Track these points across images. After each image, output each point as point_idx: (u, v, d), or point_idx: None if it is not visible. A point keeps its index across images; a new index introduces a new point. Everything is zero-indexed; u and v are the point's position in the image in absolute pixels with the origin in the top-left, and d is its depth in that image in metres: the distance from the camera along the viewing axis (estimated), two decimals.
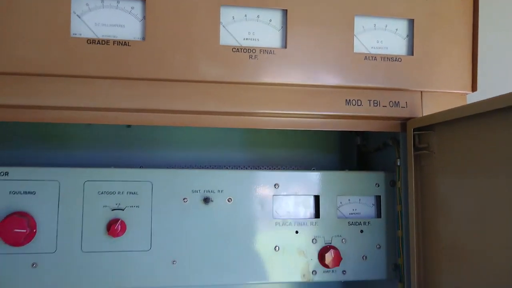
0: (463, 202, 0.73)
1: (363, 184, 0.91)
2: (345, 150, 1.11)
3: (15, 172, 0.79)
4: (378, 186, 0.91)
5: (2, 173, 0.79)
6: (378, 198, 0.92)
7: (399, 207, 0.87)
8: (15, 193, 0.79)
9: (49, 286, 0.79)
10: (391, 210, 0.91)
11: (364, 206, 0.91)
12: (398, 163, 0.88)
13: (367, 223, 0.90)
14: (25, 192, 0.79)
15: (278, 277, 0.86)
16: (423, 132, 0.81)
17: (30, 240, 0.78)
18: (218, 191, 0.85)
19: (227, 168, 1.04)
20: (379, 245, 0.90)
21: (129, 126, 1.03)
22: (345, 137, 1.11)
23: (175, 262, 0.82)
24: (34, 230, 0.78)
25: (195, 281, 0.83)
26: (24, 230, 0.76)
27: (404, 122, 0.85)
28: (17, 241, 0.76)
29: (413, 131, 0.82)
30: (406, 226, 0.86)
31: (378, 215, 0.91)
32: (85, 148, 1.01)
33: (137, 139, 1.03)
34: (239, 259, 0.84)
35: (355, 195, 0.91)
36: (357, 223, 0.90)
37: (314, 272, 0.87)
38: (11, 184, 0.79)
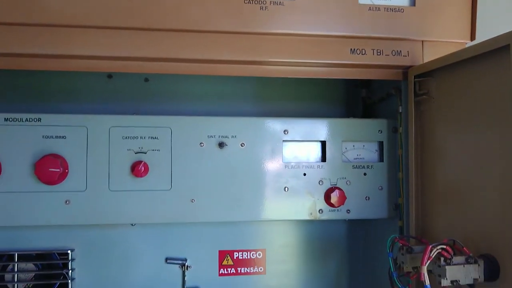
0: (459, 147, 0.79)
1: (367, 130, 0.97)
2: (351, 102, 1.17)
3: (47, 118, 0.87)
4: (381, 132, 0.98)
5: (35, 119, 0.87)
6: (380, 144, 0.98)
7: (400, 151, 0.94)
8: (47, 137, 0.87)
9: (80, 221, 0.88)
10: (393, 155, 0.97)
11: (367, 152, 0.98)
12: (400, 110, 0.93)
13: (370, 167, 0.97)
14: (57, 137, 0.87)
15: (287, 215, 0.94)
16: (423, 78, 0.86)
17: (63, 180, 0.86)
18: (232, 136, 0.92)
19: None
20: (381, 186, 0.97)
21: (147, 80, 1.10)
22: (350, 90, 1.17)
23: (193, 201, 0.90)
24: (67, 171, 0.86)
25: (212, 218, 0.92)
26: (58, 169, 0.84)
27: (405, 70, 0.91)
28: (52, 180, 0.84)
29: (414, 78, 0.87)
30: (406, 169, 0.92)
31: (381, 159, 0.98)
32: (107, 100, 1.08)
33: (155, 93, 1.10)
34: (251, 198, 0.92)
35: (359, 141, 0.97)
36: (360, 167, 0.97)
37: (320, 211, 0.95)
38: (43, 129, 0.87)
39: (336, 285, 1.15)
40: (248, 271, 1.12)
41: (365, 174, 0.97)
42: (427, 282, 0.67)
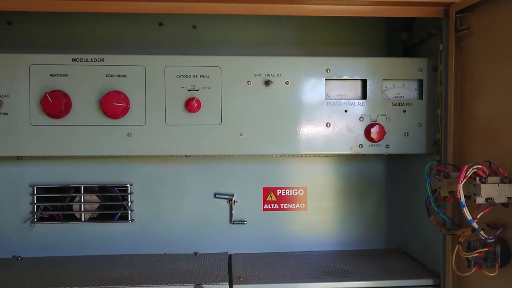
0: (499, 82, 0.81)
1: (407, 69, 1.01)
2: (391, 46, 1.19)
3: (109, 58, 0.96)
4: (421, 71, 1.01)
5: (99, 59, 0.96)
6: (420, 82, 1.01)
7: (440, 88, 0.97)
8: (110, 76, 0.96)
9: (140, 152, 0.97)
10: (432, 93, 1.01)
11: (407, 90, 1.02)
12: (440, 48, 0.96)
13: (409, 104, 1.01)
14: (119, 75, 0.96)
15: (328, 149, 1.00)
16: (464, 14, 0.88)
17: (125, 114, 0.95)
18: (277, 75, 0.98)
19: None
20: (420, 123, 1.01)
21: (195, 27, 1.16)
22: (390, 34, 1.19)
23: (241, 135, 0.98)
24: (128, 106, 0.95)
25: (258, 151, 0.99)
26: (122, 104, 0.93)
27: (447, 7, 0.92)
28: (116, 114, 0.94)
29: (455, 14, 0.89)
30: (445, 105, 0.95)
31: (420, 97, 1.01)
32: (158, 47, 1.15)
33: (203, 39, 1.16)
34: (295, 133, 0.99)
35: (400, 79, 1.01)
36: (400, 104, 1.01)
37: (360, 146, 1.00)
38: (107, 68, 0.96)
39: (374, 221, 1.22)
40: (290, 207, 1.20)
41: (404, 111, 1.01)
42: (463, 199, 0.73)
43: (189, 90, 0.97)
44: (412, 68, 1.01)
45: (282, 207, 1.20)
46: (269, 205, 1.19)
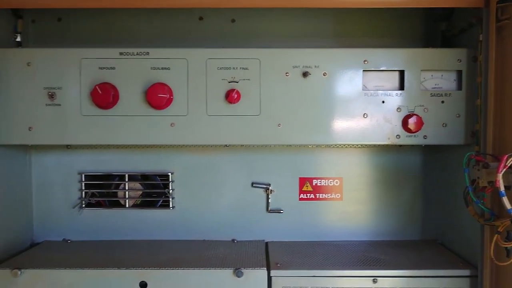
0: None
1: (446, 60, 1.01)
2: (429, 37, 1.18)
3: (154, 52, 1.00)
4: (460, 61, 1.00)
5: (144, 53, 1.00)
6: (459, 73, 1.01)
7: (479, 78, 0.96)
8: (155, 68, 1.00)
9: (183, 141, 1.02)
10: (471, 84, 1.00)
11: (446, 81, 1.02)
12: (481, 38, 0.95)
13: (448, 95, 1.01)
14: (163, 68, 1.00)
15: (365, 140, 1.02)
16: (506, 4, 0.87)
17: (168, 105, 1.00)
18: (315, 66, 1.00)
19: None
20: (458, 114, 1.01)
21: (233, 20, 1.19)
22: (429, 25, 1.19)
23: (280, 125, 1.01)
24: (171, 97, 1.00)
25: (296, 141, 1.02)
26: (166, 95, 0.98)
27: None
28: (160, 104, 0.98)
29: (496, 4, 0.89)
30: (485, 95, 0.94)
31: (459, 88, 1.01)
32: (198, 41, 1.19)
33: (241, 32, 1.19)
34: (332, 124, 1.01)
35: (438, 70, 1.01)
36: (438, 95, 1.01)
37: (397, 136, 1.01)
38: (151, 61, 1.00)
39: (410, 212, 1.22)
40: (326, 197, 1.22)
41: (442, 102, 1.01)
42: (502, 188, 0.73)
43: (229, 82, 1.00)
44: (451, 59, 1.01)
45: (318, 197, 1.22)
46: (305, 194, 1.22)
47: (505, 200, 0.73)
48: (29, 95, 1.00)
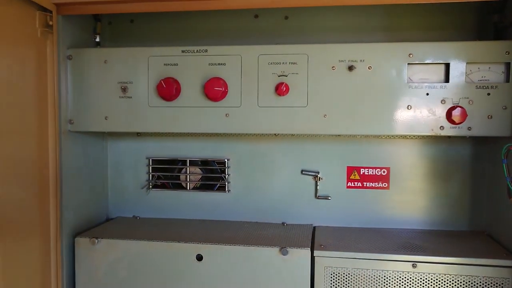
0: None
1: (493, 52, 1.01)
2: (482, 29, 1.18)
3: (212, 49, 1.11)
4: (508, 53, 1.01)
5: (203, 50, 1.11)
6: (507, 65, 1.01)
7: None
8: (212, 64, 1.11)
9: (236, 130, 1.12)
10: None
11: (493, 73, 1.03)
12: None
13: (494, 87, 1.02)
14: (219, 64, 1.11)
15: (409, 131, 1.05)
16: None
17: (223, 97, 1.10)
18: (360, 60, 1.06)
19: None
20: (505, 106, 1.02)
21: (286, 17, 1.27)
22: (481, 17, 1.18)
23: (326, 116, 1.07)
24: (226, 90, 1.10)
25: (341, 131, 1.08)
26: (221, 88, 1.08)
27: None
28: (216, 97, 1.09)
29: None
30: None
31: (507, 80, 1.02)
32: (254, 37, 1.28)
33: (293, 28, 1.27)
34: (376, 115, 1.06)
35: (485, 63, 1.02)
36: (484, 87, 1.02)
37: (441, 128, 1.04)
38: (209, 58, 1.11)
39: (458, 203, 1.24)
40: (373, 185, 1.27)
41: (488, 94, 1.02)
42: None
43: (279, 76, 1.09)
44: (499, 51, 1.01)
45: (365, 185, 1.27)
46: (352, 183, 1.28)
47: None
48: (105, 89, 1.15)
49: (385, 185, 1.26)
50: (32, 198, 1.07)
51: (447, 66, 1.03)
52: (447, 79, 1.03)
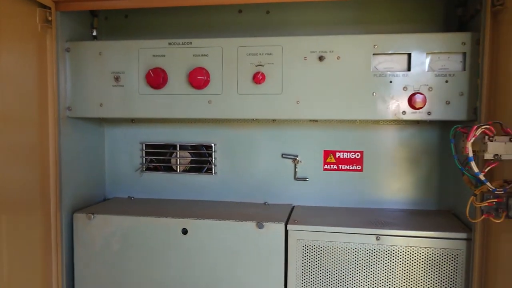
0: None
1: (451, 43, 1.10)
2: (449, 23, 1.27)
3: (196, 42, 1.21)
4: (465, 44, 1.10)
5: (188, 43, 1.22)
6: (464, 55, 1.10)
7: (480, 59, 1.05)
8: (196, 55, 1.21)
9: (218, 115, 1.22)
10: (474, 65, 1.09)
11: (452, 62, 1.11)
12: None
13: (452, 75, 1.11)
14: (202, 55, 1.21)
15: (374, 116, 1.15)
16: None
17: (206, 85, 1.21)
18: (330, 51, 1.15)
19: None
20: (461, 92, 1.11)
21: (268, 12, 1.37)
22: (448, 11, 1.27)
23: (298, 102, 1.17)
24: (209, 79, 1.20)
25: (312, 115, 1.18)
26: (204, 77, 1.19)
27: None
28: (199, 85, 1.20)
29: None
30: (482, 75, 1.03)
31: (464, 68, 1.10)
32: (237, 31, 1.38)
33: (274, 22, 1.37)
34: (345, 101, 1.15)
35: (444, 52, 1.11)
36: (443, 75, 1.11)
37: (403, 113, 1.13)
38: (193, 50, 1.22)
39: (426, 184, 1.33)
40: (348, 168, 1.37)
41: (446, 81, 1.11)
42: (471, 154, 0.84)
43: (256, 66, 1.19)
44: (456, 42, 1.10)
45: (340, 168, 1.37)
46: (328, 165, 1.38)
47: (473, 164, 0.84)
48: (100, 78, 1.26)
49: (359, 167, 1.36)
50: (34, 179, 1.19)
51: (409, 56, 1.13)
52: (409, 68, 1.13)
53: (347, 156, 1.36)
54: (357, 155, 1.36)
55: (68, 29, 1.28)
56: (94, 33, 1.41)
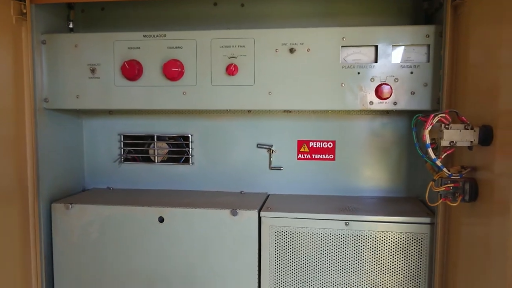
0: (483, 45, 0.91)
1: (416, 36, 1.15)
2: (415, 16, 1.31)
3: (170, 34, 1.24)
4: (428, 37, 1.14)
5: (162, 35, 1.24)
6: (428, 47, 1.15)
7: (442, 51, 1.10)
8: (170, 47, 1.24)
9: (193, 106, 1.25)
10: (438, 56, 1.13)
11: (416, 54, 1.16)
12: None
13: (417, 66, 1.15)
14: (176, 47, 1.24)
15: (343, 106, 1.19)
16: None
17: (180, 77, 1.23)
18: (300, 43, 1.19)
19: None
20: (426, 83, 1.15)
21: (242, 5, 1.40)
22: (415, 3, 1.31)
23: (270, 93, 1.21)
24: (183, 71, 1.23)
25: (284, 106, 1.22)
26: (178, 69, 1.21)
27: None
28: (174, 77, 1.22)
29: None
30: (443, 66, 1.08)
31: (428, 60, 1.15)
32: (212, 23, 1.41)
33: (249, 15, 1.39)
34: (315, 92, 1.19)
35: (409, 45, 1.15)
36: (408, 66, 1.16)
37: (371, 103, 1.18)
38: (167, 42, 1.24)
39: (396, 172, 1.38)
40: (320, 157, 1.41)
41: (411, 72, 1.15)
42: (428, 141, 0.89)
43: (229, 58, 1.21)
44: (420, 35, 1.14)
45: (313, 157, 1.41)
46: (302, 155, 1.42)
47: (430, 151, 0.89)
48: (76, 70, 1.28)
49: (331, 156, 1.40)
50: (12, 170, 1.21)
51: (376, 48, 1.17)
52: (376, 60, 1.17)
53: (320, 145, 1.41)
54: (330, 145, 1.40)
55: (44, 21, 1.29)
56: (71, 26, 1.42)
